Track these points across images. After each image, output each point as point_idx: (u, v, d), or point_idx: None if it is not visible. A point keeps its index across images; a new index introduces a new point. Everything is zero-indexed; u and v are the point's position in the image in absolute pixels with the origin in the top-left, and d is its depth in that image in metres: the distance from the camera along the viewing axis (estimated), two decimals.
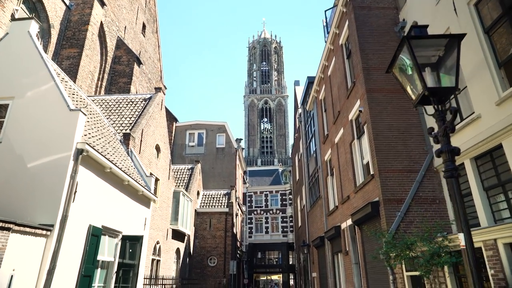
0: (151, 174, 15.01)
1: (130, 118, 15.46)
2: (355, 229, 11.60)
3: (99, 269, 9.25)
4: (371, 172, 9.98)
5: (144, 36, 26.58)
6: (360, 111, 10.63)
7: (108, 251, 9.70)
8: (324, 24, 15.81)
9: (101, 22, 19.42)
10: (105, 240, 9.53)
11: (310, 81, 20.49)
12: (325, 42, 15.40)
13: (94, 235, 8.46)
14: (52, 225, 7.02)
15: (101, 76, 19.92)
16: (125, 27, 22.84)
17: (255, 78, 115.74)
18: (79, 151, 7.75)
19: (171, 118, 29.31)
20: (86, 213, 8.23)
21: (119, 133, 14.06)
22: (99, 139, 9.95)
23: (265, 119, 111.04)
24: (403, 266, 8.09)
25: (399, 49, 3.07)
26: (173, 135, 28.93)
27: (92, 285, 8.53)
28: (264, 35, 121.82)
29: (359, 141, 11.59)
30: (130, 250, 10.47)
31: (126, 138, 13.40)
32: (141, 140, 14.48)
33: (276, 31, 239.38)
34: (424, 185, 9.29)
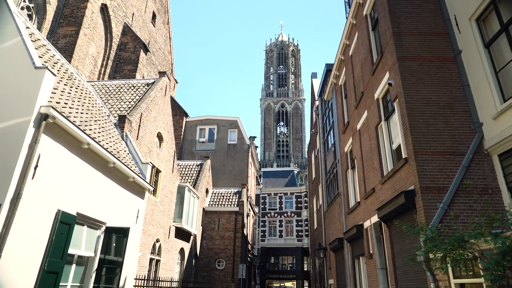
0: (150, 163, 13.57)
1: (130, 102, 14.11)
2: (381, 227, 9.75)
3: (73, 265, 7.75)
4: (405, 155, 8.16)
5: (154, 26, 25.46)
6: (389, 84, 8.85)
7: (87, 244, 8.20)
8: None
9: (106, 5, 18.33)
10: (82, 231, 8.04)
11: (329, 68, 18.76)
12: (346, 18, 13.68)
13: (65, 223, 6.96)
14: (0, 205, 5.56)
15: (105, 63, 18.77)
16: (133, 14, 21.72)
17: (271, 81, 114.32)
18: (43, 117, 6.29)
19: (181, 112, 28.04)
20: (53, 195, 6.75)
21: (115, 116, 12.70)
22: (80, 112, 8.52)
23: (282, 123, 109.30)
24: (450, 271, 6.23)
25: None
26: (182, 130, 27.61)
27: (61, 283, 7.03)
28: (282, 38, 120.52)
29: (387, 122, 9.78)
30: (116, 245, 8.95)
31: (121, 121, 12.00)
32: (139, 125, 13.06)
33: (294, 34, 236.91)
34: (472, 170, 7.42)
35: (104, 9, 18.45)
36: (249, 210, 27.09)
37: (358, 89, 12.45)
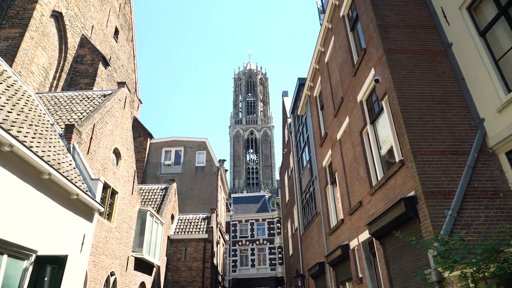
0: (103, 181, 11.71)
1: (82, 113, 12.37)
2: (373, 245, 8.48)
3: None
4: (400, 158, 7.07)
5: (117, 42, 23.99)
6: (376, 80, 7.90)
7: (7, 279, 6.26)
8: (319, 6, 13.49)
9: (61, 13, 16.77)
10: (1, 262, 6.13)
11: (301, 82, 18.01)
12: (320, 24, 12.99)
13: None
14: None
15: (58, 75, 16.92)
16: (93, 26, 20.22)
17: (240, 109, 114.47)
18: None
19: (145, 133, 26.17)
20: None
21: (62, 127, 10.92)
22: (6, 110, 6.82)
23: (251, 150, 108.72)
24: None
25: None
26: (146, 152, 25.63)
27: None
28: (250, 66, 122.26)
29: (373, 126, 8.77)
30: (49, 280, 7.01)
31: (68, 131, 10.22)
32: (91, 138, 11.29)
33: (262, 63, 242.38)
34: (478, 172, 6.42)
35: (59, 17, 16.86)
36: (219, 238, 25.10)
37: (336, 96, 11.52)
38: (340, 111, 11.02)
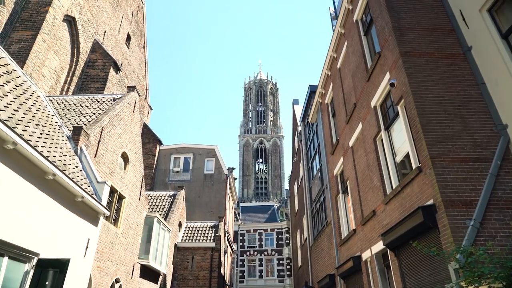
0: (110, 185, 11.56)
1: (90, 116, 12.32)
2: (387, 257, 8.08)
3: None
4: (417, 165, 6.72)
5: (129, 48, 24.18)
6: (391, 84, 7.60)
7: (7, 282, 6.07)
8: (332, 12, 13.32)
9: (74, 18, 16.96)
10: (1, 264, 5.94)
11: (312, 90, 17.76)
12: (333, 30, 12.79)
13: None
14: None
15: (69, 79, 17.02)
16: (105, 32, 20.40)
17: (250, 118, 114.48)
18: None
19: (154, 140, 26.15)
20: None
21: (70, 130, 10.84)
22: (12, 108, 6.71)
23: (260, 160, 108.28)
24: None
25: None
26: (155, 159, 25.56)
27: None
28: (260, 76, 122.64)
29: (388, 132, 8.44)
30: (51, 284, 6.79)
31: (75, 133, 10.12)
32: (99, 141, 11.19)
33: (272, 73, 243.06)
34: (502, 180, 6.03)
35: (72, 22, 17.05)
36: (227, 247, 24.70)
37: (349, 102, 11.23)
38: (353, 118, 10.72)
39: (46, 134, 8.08)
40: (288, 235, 37.31)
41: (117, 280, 12.45)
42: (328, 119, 14.07)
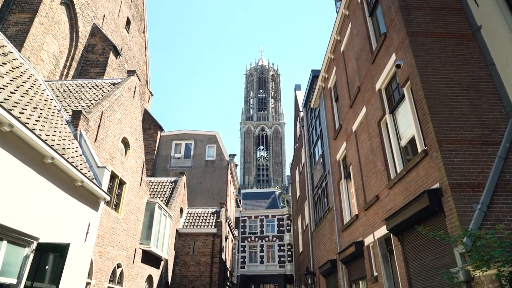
0: (110, 170, 11.46)
1: (90, 101, 12.14)
2: (390, 242, 7.99)
3: None
4: (423, 148, 6.57)
5: (128, 33, 23.80)
6: (397, 66, 7.38)
7: (6, 267, 6.01)
8: None
9: (73, 1, 16.61)
10: None
11: (315, 74, 17.49)
12: (337, 12, 12.46)
13: None
14: None
15: (68, 64, 16.79)
16: (104, 16, 20.03)
17: (251, 105, 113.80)
18: None
19: (155, 126, 26.00)
20: None
21: (69, 114, 10.68)
22: (9, 90, 6.55)
23: (262, 147, 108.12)
24: None
25: None
26: (157, 145, 25.46)
27: None
28: (262, 62, 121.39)
29: (392, 115, 8.26)
30: (51, 269, 6.75)
31: (75, 118, 9.98)
32: (99, 125, 11.04)
33: (274, 59, 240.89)
34: (510, 163, 5.88)
35: (70, 5, 16.72)
36: (228, 233, 24.81)
37: (353, 86, 11.01)
38: (357, 101, 10.51)
39: (45, 117, 7.93)
40: (289, 221, 37.47)
41: (118, 265, 12.48)
42: (331, 103, 13.86)
